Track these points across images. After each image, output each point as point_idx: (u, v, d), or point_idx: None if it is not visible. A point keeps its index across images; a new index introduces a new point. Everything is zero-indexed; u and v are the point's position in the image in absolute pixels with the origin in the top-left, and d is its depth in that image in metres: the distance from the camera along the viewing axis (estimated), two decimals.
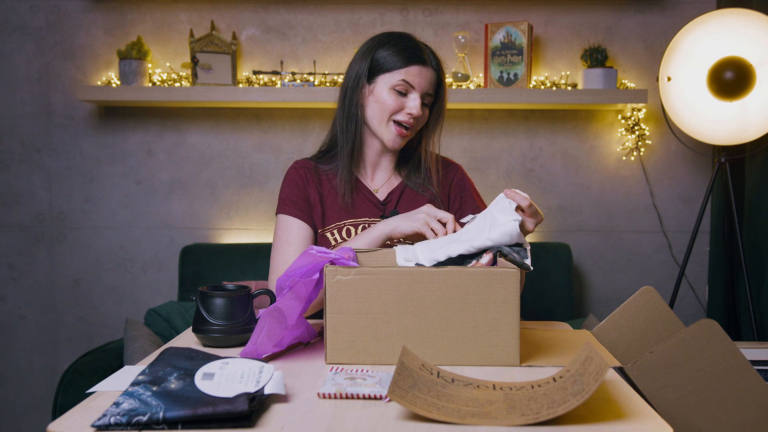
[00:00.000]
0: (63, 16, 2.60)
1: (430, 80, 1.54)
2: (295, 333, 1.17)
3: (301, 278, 1.13)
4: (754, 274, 2.36)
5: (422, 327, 1.08)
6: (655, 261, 2.66)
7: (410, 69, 1.52)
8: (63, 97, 2.62)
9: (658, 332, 1.34)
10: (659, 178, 2.64)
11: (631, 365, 1.21)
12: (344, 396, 0.92)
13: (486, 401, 0.89)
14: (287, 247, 1.55)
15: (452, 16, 2.60)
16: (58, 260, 2.66)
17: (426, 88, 1.53)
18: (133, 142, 2.64)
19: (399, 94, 1.53)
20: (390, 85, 1.52)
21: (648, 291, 1.36)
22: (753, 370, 1.22)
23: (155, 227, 2.65)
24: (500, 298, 1.07)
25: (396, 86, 1.52)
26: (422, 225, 1.36)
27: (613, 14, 2.61)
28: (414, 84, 1.52)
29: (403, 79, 1.52)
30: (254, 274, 2.45)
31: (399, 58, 1.52)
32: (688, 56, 2.23)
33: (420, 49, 1.54)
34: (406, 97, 1.53)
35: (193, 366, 0.96)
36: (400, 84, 1.52)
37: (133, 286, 2.67)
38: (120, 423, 0.81)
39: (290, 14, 2.62)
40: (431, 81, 1.54)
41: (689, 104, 2.25)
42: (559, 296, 2.48)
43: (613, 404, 0.90)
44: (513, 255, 1.21)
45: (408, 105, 1.53)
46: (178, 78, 2.55)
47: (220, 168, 2.65)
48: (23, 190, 2.64)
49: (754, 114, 2.18)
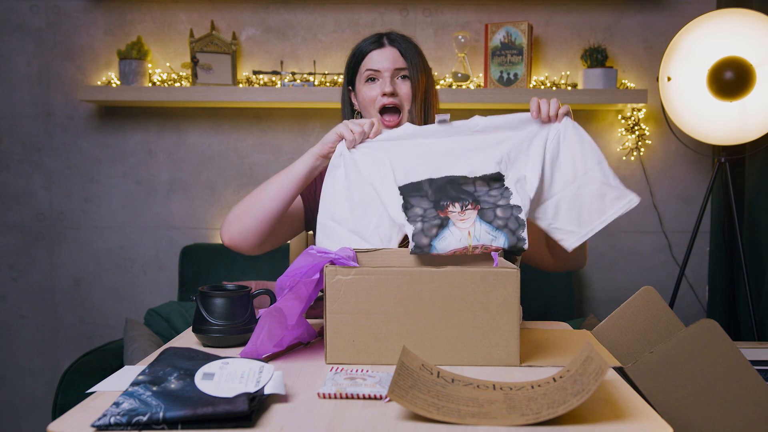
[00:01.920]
0: (63, 16, 2.60)
1: (393, 57, 1.58)
2: (295, 333, 1.17)
3: (301, 278, 1.13)
4: (754, 274, 2.36)
5: (422, 327, 1.08)
6: (655, 261, 2.66)
7: (370, 56, 1.59)
8: (63, 97, 2.62)
9: (658, 332, 1.34)
10: (659, 178, 2.64)
11: (631, 365, 1.21)
12: (344, 396, 0.92)
13: (486, 401, 0.89)
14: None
15: (452, 16, 2.60)
16: (58, 260, 2.66)
17: (390, 65, 1.57)
18: (133, 142, 2.64)
19: (372, 82, 1.59)
20: (362, 81, 1.60)
21: (648, 291, 1.36)
22: (753, 370, 1.22)
23: (155, 227, 2.65)
24: (500, 298, 1.07)
25: (365, 78, 1.59)
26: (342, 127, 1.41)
27: (613, 14, 2.61)
28: (378, 67, 1.57)
29: (367, 68, 1.59)
30: (254, 274, 2.45)
31: (359, 54, 1.61)
32: (688, 56, 2.23)
33: (376, 37, 1.61)
34: (376, 82, 1.59)
35: (193, 366, 0.96)
36: (366, 73, 1.59)
37: (133, 286, 2.66)
38: (120, 423, 0.81)
39: (290, 14, 2.62)
40: (394, 57, 1.58)
41: (689, 104, 2.25)
42: (559, 296, 2.48)
43: (613, 404, 0.90)
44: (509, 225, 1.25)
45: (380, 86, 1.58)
46: (178, 78, 2.55)
47: (220, 168, 2.65)
48: (23, 190, 2.64)
49: (754, 114, 2.18)
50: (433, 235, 1.26)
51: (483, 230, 1.26)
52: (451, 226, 1.27)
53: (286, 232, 1.60)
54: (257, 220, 1.47)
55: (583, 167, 1.34)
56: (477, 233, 1.26)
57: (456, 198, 1.31)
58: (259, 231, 1.48)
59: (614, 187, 1.34)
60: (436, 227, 1.27)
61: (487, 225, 1.27)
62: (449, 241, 1.25)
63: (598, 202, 1.34)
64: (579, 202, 1.34)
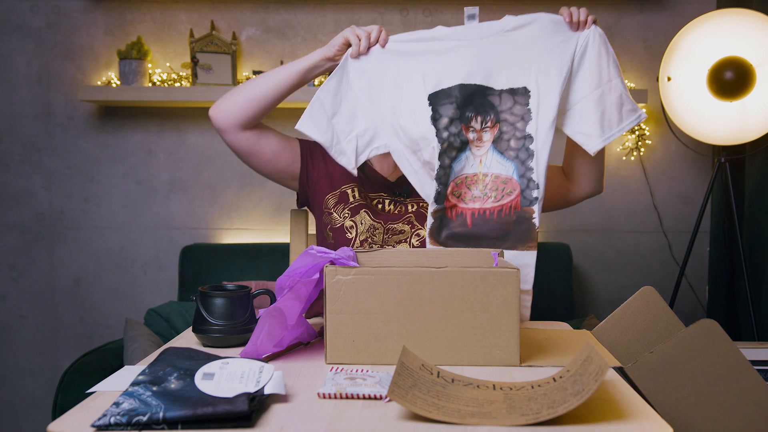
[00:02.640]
0: (63, 16, 2.60)
1: None
2: (295, 333, 1.17)
3: (301, 278, 1.13)
4: (754, 274, 2.36)
5: (422, 327, 1.08)
6: (655, 261, 2.66)
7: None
8: (63, 97, 2.62)
9: (658, 332, 1.34)
10: (659, 178, 2.64)
11: (631, 365, 1.21)
12: (344, 396, 0.92)
13: (486, 401, 0.89)
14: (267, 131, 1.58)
15: (452, 15, 2.60)
16: (58, 260, 2.66)
17: None
18: (133, 142, 2.64)
19: None
20: None
21: (648, 291, 1.36)
22: (753, 370, 1.22)
23: (155, 227, 2.65)
24: (500, 298, 1.07)
25: None
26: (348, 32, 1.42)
27: (613, 14, 2.61)
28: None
29: None
30: (254, 274, 2.45)
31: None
32: (688, 56, 2.23)
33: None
34: None
35: (193, 366, 0.96)
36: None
37: (133, 286, 2.67)
38: (120, 423, 0.81)
39: (290, 14, 2.62)
40: None
41: (689, 104, 2.25)
42: (559, 296, 2.48)
43: (613, 404, 0.90)
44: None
45: None
46: (178, 78, 2.55)
47: (220, 168, 2.65)
48: (23, 190, 2.64)
49: (754, 114, 2.17)
50: (453, 156, 1.42)
51: (494, 160, 1.42)
52: (468, 151, 1.43)
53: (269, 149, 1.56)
54: (245, 98, 1.48)
55: (607, 75, 1.41)
56: (488, 162, 1.42)
57: (479, 109, 1.42)
58: (244, 109, 1.48)
59: (629, 100, 1.42)
60: (456, 150, 1.41)
61: (499, 155, 1.41)
62: (464, 165, 1.42)
63: (617, 111, 1.41)
64: (602, 108, 1.41)
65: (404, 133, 1.42)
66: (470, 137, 1.42)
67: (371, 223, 1.51)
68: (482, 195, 1.43)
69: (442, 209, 1.43)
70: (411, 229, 1.52)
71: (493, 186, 1.42)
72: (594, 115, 1.41)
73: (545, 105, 1.40)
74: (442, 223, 1.43)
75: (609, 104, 1.41)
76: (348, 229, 1.52)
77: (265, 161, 1.57)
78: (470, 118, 1.42)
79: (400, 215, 1.53)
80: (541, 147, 1.40)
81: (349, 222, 1.52)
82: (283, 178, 1.62)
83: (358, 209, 1.52)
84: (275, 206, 2.66)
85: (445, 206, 1.43)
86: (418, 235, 1.51)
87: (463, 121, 1.42)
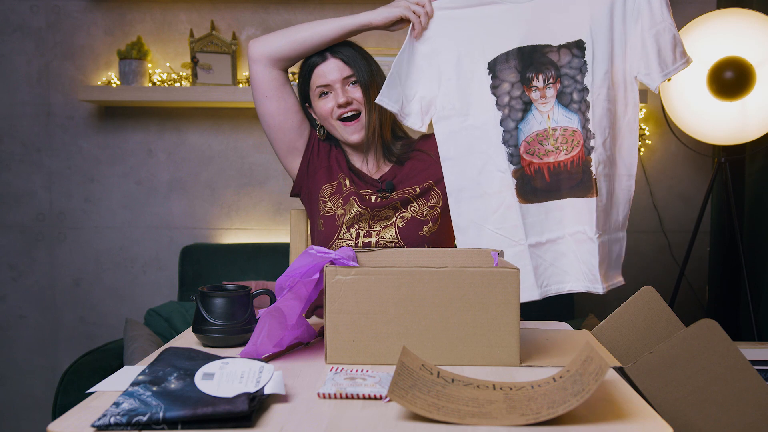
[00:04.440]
0: (63, 16, 2.60)
1: (337, 67, 1.58)
2: (295, 333, 1.17)
3: (301, 278, 1.13)
4: (754, 274, 2.35)
5: (422, 327, 1.08)
6: (655, 261, 2.66)
7: (316, 72, 1.59)
8: (63, 97, 2.62)
9: (658, 332, 1.33)
10: (659, 178, 2.64)
11: (631, 365, 1.21)
12: (344, 396, 0.92)
13: (486, 401, 0.89)
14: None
15: None
16: (58, 260, 2.66)
17: (338, 76, 1.57)
18: (133, 142, 2.64)
19: (325, 96, 1.59)
20: (316, 97, 1.61)
21: (648, 291, 1.36)
22: (753, 370, 1.22)
23: (155, 227, 2.65)
24: (500, 298, 1.07)
25: (318, 94, 1.59)
26: (404, 10, 1.47)
27: None
28: (326, 81, 1.58)
29: (317, 85, 1.59)
30: (254, 274, 2.45)
31: (306, 70, 1.61)
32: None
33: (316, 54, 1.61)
34: (329, 95, 1.59)
35: (193, 366, 0.96)
36: (318, 90, 1.59)
37: (133, 286, 2.67)
38: (120, 423, 0.81)
39: (290, 14, 2.62)
40: (339, 68, 1.58)
41: (689, 104, 2.25)
42: (559, 296, 2.48)
43: (613, 404, 0.90)
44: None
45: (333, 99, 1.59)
46: (178, 78, 2.55)
47: (220, 168, 2.65)
48: (23, 190, 2.64)
49: (754, 114, 2.17)
50: (519, 118, 1.49)
51: (560, 114, 1.49)
52: (534, 110, 1.49)
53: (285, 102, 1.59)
54: (287, 39, 1.55)
55: (661, 15, 1.48)
56: (555, 116, 1.49)
57: (540, 68, 1.48)
58: (282, 47, 1.54)
59: (681, 42, 1.48)
60: (521, 111, 1.49)
61: (564, 108, 1.49)
62: (532, 123, 1.49)
63: (671, 51, 1.48)
64: (658, 46, 1.47)
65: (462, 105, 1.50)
66: (533, 96, 1.49)
67: (358, 209, 1.57)
68: (554, 149, 1.50)
69: (520, 168, 1.51)
70: (395, 213, 1.58)
71: (563, 139, 1.50)
72: (652, 54, 1.47)
73: (600, 55, 1.47)
74: (524, 181, 1.51)
75: (665, 43, 1.47)
76: (338, 217, 1.58)
77: (277, 111, 1.61)
78: (531, 78, 1.49)
79: (384, 203, 1.59)
80: (596, 97, 1.47)
81: (341, 210, 1.59)
82: (283, 141, 1.64)
83: (348, 197, 1.60)
84: (275, 206, 2.66)
85: (522, 165, 1.50)
86: (403, 217, 1.58)
87: (524, 83, 1.49)
